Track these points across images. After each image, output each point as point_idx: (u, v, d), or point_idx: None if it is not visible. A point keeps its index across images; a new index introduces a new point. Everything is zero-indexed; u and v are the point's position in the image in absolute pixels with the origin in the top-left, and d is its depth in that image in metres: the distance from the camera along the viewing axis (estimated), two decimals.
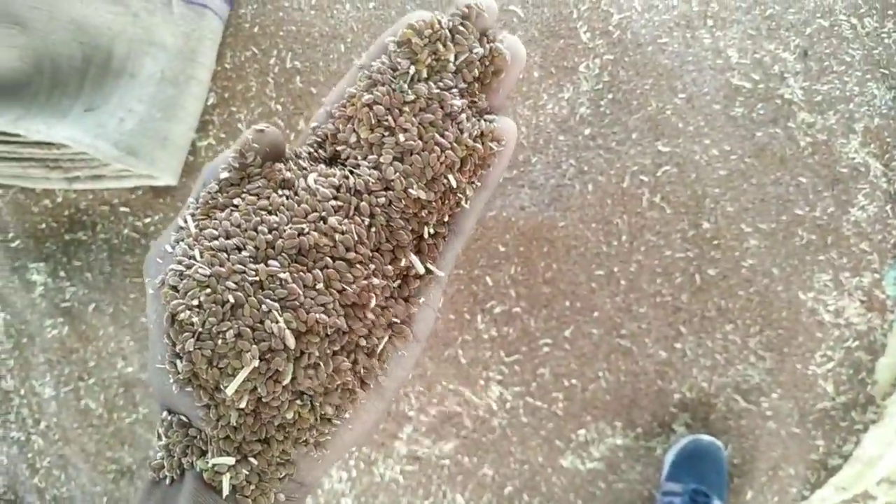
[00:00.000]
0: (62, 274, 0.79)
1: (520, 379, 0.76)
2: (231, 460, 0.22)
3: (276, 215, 0.24)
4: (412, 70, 0.26)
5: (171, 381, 0.23)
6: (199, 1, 0.74)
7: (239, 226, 0.24)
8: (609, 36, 0.76)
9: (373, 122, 0.26)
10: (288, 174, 0.25)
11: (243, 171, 0.25)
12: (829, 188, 0.75)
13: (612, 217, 0.76)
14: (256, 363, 0.22)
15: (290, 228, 0.24)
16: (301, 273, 0.23)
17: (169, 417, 0.23)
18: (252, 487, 0.23)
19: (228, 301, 0.22)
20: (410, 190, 0.25)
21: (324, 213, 0.24)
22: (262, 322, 0.22)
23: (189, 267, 0.23)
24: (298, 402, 0.23)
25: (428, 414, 0.76)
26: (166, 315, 0.23)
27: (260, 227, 0.24)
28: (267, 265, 0.23)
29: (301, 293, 0.23)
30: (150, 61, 0.73)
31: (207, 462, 0.22)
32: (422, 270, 0.26)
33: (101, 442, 0.79)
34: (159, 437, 0.24)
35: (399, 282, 0.26)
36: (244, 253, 0.23)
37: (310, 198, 0.24)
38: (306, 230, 0.24)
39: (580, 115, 0.76)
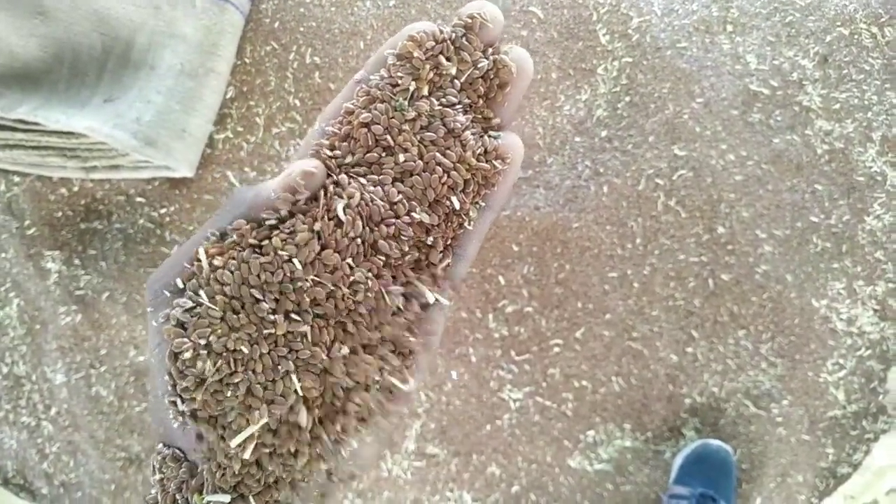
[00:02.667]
0: (77, 262, 0.79)
1: (530, 378, 0.76)
2: (227, 498, 0.22)
3: (296, 263, 0.22)
4: (413, 86, 0.24)
5: (171, 416, 0.22)
6: None
7: (258, 274, 0.22)
8: (628, 39, 0.76)
9: (370, 142, 0.24)
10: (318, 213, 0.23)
11: (290, 216, 0.23)
12: (845, 196, 0.75)
13: (627, 219, 0.76)
14: (265, 421, 0.21)
15: (311, 281, 0.22)
16: (321, 329, 0.22)
17: (164, 451, 0.23)
18: None
19: (241, 350, 0.21)
20: (413, 214, 0.23)
21: (346, 271, 0.22)
22: (273, 381, 0.21)
23: (198, 305, 0.22)
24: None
25: (437, 411, 0.77)
26: (168, 352, 0.22)
27: (283, 278, 0.22)
28: (288, 319, 0.22)
29: (324, 357, 0.22)
30: (170, 54, 0.73)
31: (203, 498, 0.22)
32: (431, 300, 0.24)
33: (110, 429, 0.80)
34: (154, 472, 0.23)
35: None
36: (263, 304, 0.22)
37: (333, 244, 0.23)
38: (329, 286, 0.22)
39: (597, 117, 0.76)
